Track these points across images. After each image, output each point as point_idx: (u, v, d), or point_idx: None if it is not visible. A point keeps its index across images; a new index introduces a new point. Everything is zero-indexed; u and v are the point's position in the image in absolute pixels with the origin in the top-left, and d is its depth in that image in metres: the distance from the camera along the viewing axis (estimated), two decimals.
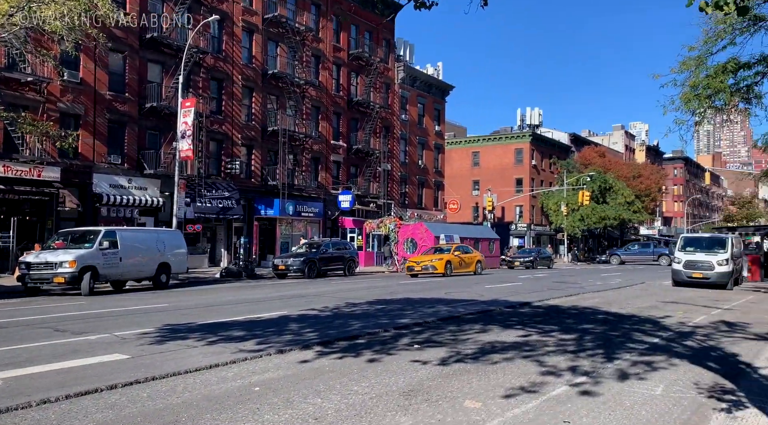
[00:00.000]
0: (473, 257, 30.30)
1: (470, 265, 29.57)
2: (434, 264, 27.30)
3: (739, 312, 14.28)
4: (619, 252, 54.35)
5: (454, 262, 28.20)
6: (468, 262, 29.47)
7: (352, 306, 13.99)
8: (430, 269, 27.24)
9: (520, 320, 12.28)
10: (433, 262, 27.43)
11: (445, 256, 28.06)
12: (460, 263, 28.71)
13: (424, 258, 28.28)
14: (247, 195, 33.57)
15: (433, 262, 27.43)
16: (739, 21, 18.58)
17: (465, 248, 31.18)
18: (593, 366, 7.88)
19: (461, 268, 28.78)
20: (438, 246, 31.33)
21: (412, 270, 27.80)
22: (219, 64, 32.30)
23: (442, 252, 29.10)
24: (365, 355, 8.31)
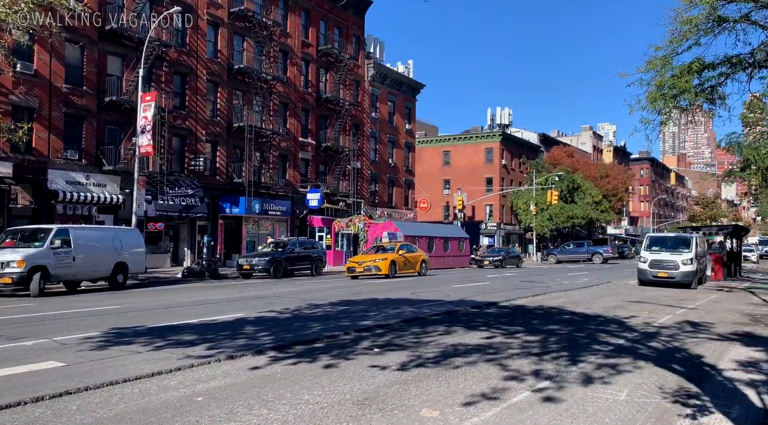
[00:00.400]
0: (418, 257, 28.06)
1: (415, 265, 27.48)
2: (378, 265, 25.03)
3: (703, 312, 14.30)
4: (555, 251, 55.02)
5: (399, 262, 26.13)
6: (412, 262, 27.36)
7: (314, 307, 13.55)
8: (373, 270, 24.98)
9: (485, 321, 12.02)
10: (377, 262, 25.13)
11: (389, 256, 25.83)
12: (405, 263, 26.66)
13: (366, 258, 25.91)
14: (211, 193, 32.75)
15: (377, 262, 25.13)
16: (703, 21, 18.73)
17: (409, 247, 28.88)
18: (557, 370, 7.63)
19: (406, 269, 26.81)
20: (380, 245, 29.18)
21: (353, 271, 25.47)
22: (183, 58, 31.41)
23: (385, 251, 26.87)
24: (322, 360, 7.90)
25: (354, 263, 25.90)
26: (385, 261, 25.25)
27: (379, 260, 25.38)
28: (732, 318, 13.31)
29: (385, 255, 26.03)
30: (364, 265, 25.15)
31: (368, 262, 25.30)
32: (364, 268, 25.04)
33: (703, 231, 28.68)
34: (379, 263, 25.12)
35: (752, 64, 19.13)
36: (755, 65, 19.06)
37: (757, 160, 17.99)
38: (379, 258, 25.51)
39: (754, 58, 19.15)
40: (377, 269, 24.94)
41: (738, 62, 19.11)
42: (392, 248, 27.31)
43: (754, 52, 19.22)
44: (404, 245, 28.45)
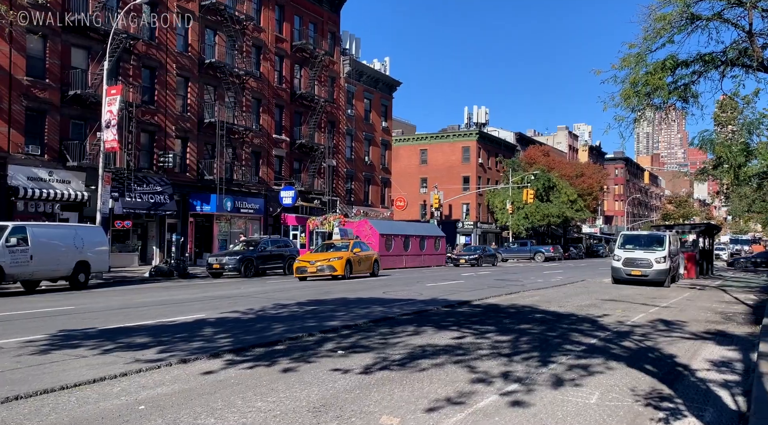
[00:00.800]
0: (371, 256, 25.73)
1: (368, 265, 25.19)
2: (333, 264, 22.59)
3: (676, 310, 14.19)
4: (501, 250, 55.21)
5: (354, 262, 23.81)
6: (366, 262, 25.02)
7: (281, 307, 13.08)
8: (327, 271, 22.47)
9: (456, 320, 11.70)
10: (331, 262, 22.69)
11: (344, 254, 23.34)
12: (359, 262, 24.34)
13: (319, 257, 23.17)
14: (181, 190, 31.96)
15: (331, 262, 22.69)
16: (677, 19, 18.70)
17: (363, 245, 26.54)
18: (527, 372, 7.33)
19: (360, 268, 24.52)
20: (331, 242, 26.63)
21: (303, 271, 22.75)
22: (152, 51, 30.56)
23: (338, 249, 24.42)
24: (281, 364, 7.48)
25: (304, 262, 23.13)
26: (340, 261, 22.83)
27: (334, 259, 22.87)
28: (705, 316, 13.22)
29: (339, 253, 23.50)
30: (317, 265, 22.49)
31: (321, 261, 22.69)
32: (317, 268, 22.40)
33: (676, 230, 28.83)
34: (334, 263, 22.69)
35: (724, 62, 19.17)
36: (727, 63, 19.10)
37: (729, 158, 18.01)
38: (333, 257, 23.02)
39: (727, 56, 19.19)
40: (331, 269, 22.53)
41: (711, 60, 19.13)
42: (345, 246, 24.78)
43: (726, 51, 19.27)
44: (358, 243, 25.96)
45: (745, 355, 8.72)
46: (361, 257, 24.58)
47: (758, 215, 40.88)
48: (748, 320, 12.81)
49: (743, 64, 19.41)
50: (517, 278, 26.10)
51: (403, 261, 36.91)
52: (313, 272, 22.57)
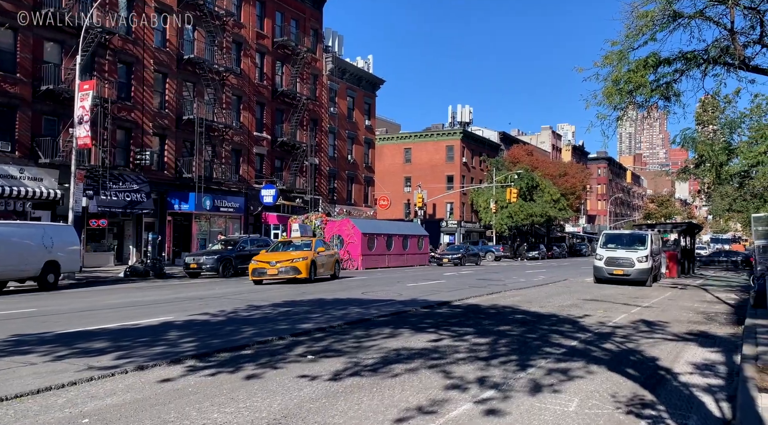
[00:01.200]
0: (333, 255, 23.60)
1: (331, 266, 23.08)
2: (296, 266, 19.97)
3: (658, 310, 14.00)
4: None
5: (318, 263, 21.42)
6: (328, 262, 22.88)
7: (254, 309, 12.64)
8: (291, 273, 19.90)
9: (435, 322, 11.37)
10: (295, 263, 20.03)
11: (308, 254, 20.83)
12: (323, 264, 22.08)
13: (280, 257, 20.36)
14: (159, 188, 31.27)
15: (295, 263, 20.03)
16: (659, 16, 18.55)
17: (325, 244, 24.50)
18: (504, 377, 7.01)
19: (323, 270, 22.19)
20: (289, 241, 23.94)
21: (261, 273, 19.99)
22: (128, 46, 29.83)
23: (299, 248, 21.75)
24: (245, 370, 7.07)
25: (263, 263, 20.09)
26: (304, 262, 20.23)
27: (298, 260, 20.23)
28: (687, 316, 13.04)
29: (302, 253, 20.90)
30: (279, 266, 19.75)
31: (284, 262, 19.97)
32: (279, 270, 19.70)
33: (658, 229, 28.82)
34: (298, 264, 20.00)
35: (706, 61, 19.06)
36: (709, 61, 18.98)
37: (711, 156, 17.91)
38: (297, 257, 20.38)
39: (708, 54, 19.07)
40: (295, 271, 19.93)
41: (693, 58, 19.01)
42: (307, 245, 22.14)
43: (708, 49, 19.15)
44: (320, 241, 23.61)
45: (728, 357, 8.50)
46: (325, 257, 22.37)
47: (738, 214, 41.14)
48: (730, 320, 12.65)
49: (725, 62, 19.32)
50: (499, 277, 25.88)
51: (386, 260, 36.55)
52: (274, 275, 19.73)
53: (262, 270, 19.94)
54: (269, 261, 20.03)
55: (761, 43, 18.35)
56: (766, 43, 18.19)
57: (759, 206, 24.36)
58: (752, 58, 18.85)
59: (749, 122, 22.33)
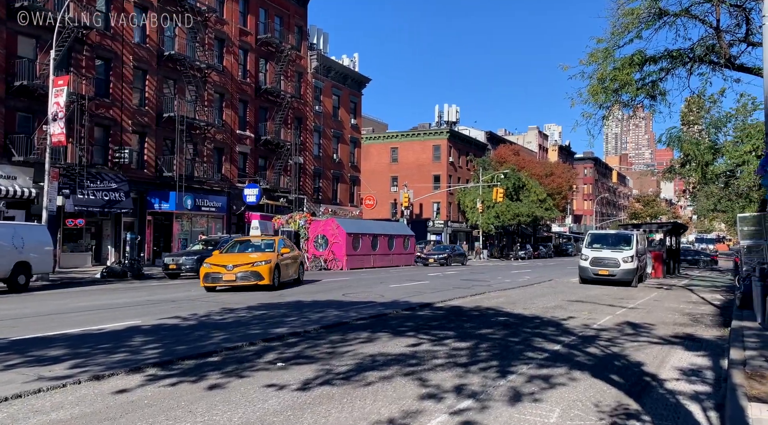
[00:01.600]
0: (297, 257, 20.47)
1: (295, 269, 19.91)
2: (258, 271, 16.59)
3: (644, 312, 13.77)
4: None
5: (283, 266, 18.04)
6: (293, 265, 19.60)
7: (228, 312, 12.19)
8: (251, 279, 16.55)
9: (415, 325, 11.01)
10: (256, 267, 16.63)
11: (271, 257, 17.40)
12: (287, 266, 18.73)
13: (238, 260, 17.01)
14: (139, 187, 30.61)
15: (256, 267, 16.63)
16: (645, 13, 18.37)
17: (290, 243, 20.89)
18: (483, 384, 6.67)
19: (287, 273, 18.80)
20: (247, 239, 20.50)
21: (216, 279, 16.65)
22: (106, 41, 29.14)
23: (259, 249, 18.42)
24: (209, 379, 6.66)
25: (217, 267, 16.78)
26: (267, 266, 16.79)
27: (260, 263, 16.79)
28: (672, 318, 12.81)
29: (264, 255, 17.48)
30: (237, 271, 16.51)
31: (243, 266, 16.67)
32: (237, 276, 16.46)
33: (644, 229, 28.70)
34: (259, 268, 16.63)
35: (692, 59, 18.93)
36: (695, 60, 18.86)
37: (697, 155, 17.75)
38: (260, 260, 16.97)
39: (694, 52, 18.95)
40: (256, 277, 16.59)
41: (678, 56, 18.88)
42: (269, 245, 18.65)
43: (694, 47, 19.03)
44: (283, 241, 19.93)
45: (716, 362, 8.23)
46: (290, 260, 19.06)
47: (723, 214, 41.26)
48: (716, 322, 12.44)
49: (710, 61, 19.21)
50: (484, 278, 25.60)
51: (371, 260, 36.19)
52: (231, 281, 16.49)
53: (217, 275, 16.60)
54: (225, 265, 16.69)
55: (747, 42, 18.26)
56: (751, 41, 18.10)
57: (744, 206, 24.31)
58: (737, 57, 18.76)
59: (734, 122, 22.30)
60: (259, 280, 16.62)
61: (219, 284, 16.78)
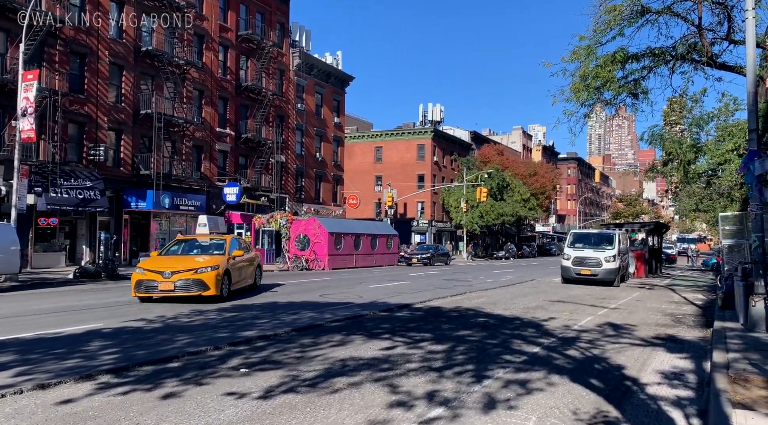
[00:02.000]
0: (253, 260, 17.19)
1: (251, 273, 16.82)
2: (201, 278, 13.35)
3: (626, 312, 13.54)
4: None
5: (234, 271, 14.96)
6: (247, 268, 16.43)
7: (197, 313, 11.73)
8: (193, 288, 13.29)
9: (391, 327, 10.66)
10: (200, 275, 13.39)
11: (219, 261, 14.11)
12: (240, 271, 15.62)
13: (179, 265, 13.73)
14: (115, 185, 29.88)
15: (200, 275, 13.39)
16: (627, 10, 18.21)
17: (243, 244, 17.23)
18: (457, 391, 6.33)
19: (241, 280, 15.75)
20: (193, 239, 16.65)
21: (150, 288, 13.36)
22: (81, 36, 28.36)
23: (206, 251, 15.23)
24: (165, 387, 6.24)
25: (152, 274, 13.41)
26: (213, 272, 13.58)
27: (204, 270, 13.51)
28: (654, 318, 12.59)
29: (211, 259, 14.19)
30: (176, 278, 13.25)
31: (184, 273, 13.37)
32: (176, 285, 13.22)
33: (626, 228, 28.65)
34: (203, 275, 13.39)
35: (674, 57, 18.82)
36: (677, 58, 18.75)
37: (679, 154, 17.63)
38: (204, 266, 13.67)
39: (676, 50, 18.85)
40: (200, 286, 13.32)
41: (661, 54, 18.75)
42: (219, 246, 15.33)
43: (676, 46, 18.93)
44: (236, 240, 16.66)
45: (698, 365, 7.98)
46: (244, 263, 15.94)
47: (704, 214, 41.48)
48: (699, 322, 12.25)
49: (692, 59, 19.12)
50: (466, 278, 25.34)
51: (354, 260, 35.81)
52: (168, 291, 13.24)
53: (151, 283, 13.28)
54: (162, 271, 13.37)
55: (729, 40, 18.16)
56: (733, 40, 18.01)
57: (726, 205, 24.30)
58: (719, 55, 18.67)
59: (716, 122, 22.26)
60: (203, 290, 13.36)
61: (154, 294, 13.49)
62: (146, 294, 13.64)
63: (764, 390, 6.05)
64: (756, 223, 9.68)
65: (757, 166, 9.55)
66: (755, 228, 9.75)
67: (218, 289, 13.74)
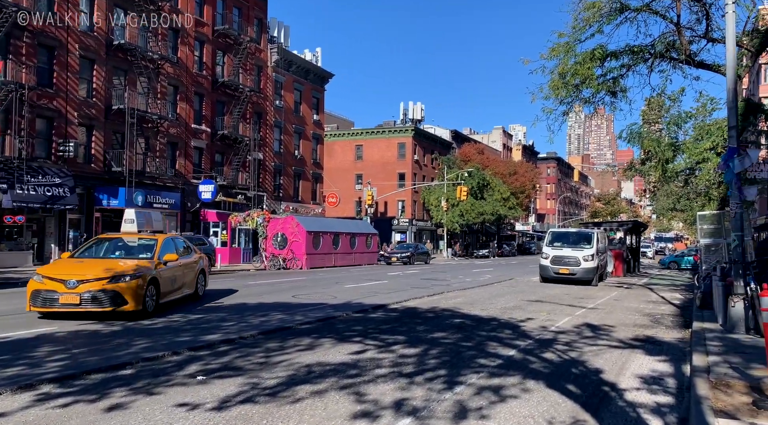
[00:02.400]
0: (193, 264, 13.88)
1: (190, 280, 13.56)
2: (116, 289, 10.51)
3: (603, 313, 13.32)
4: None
5: (165, 280, 11.87)
6: (185, 275, 13.24)
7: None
8: (106, 303, 10.46)
9: (364, 329, 10.28)
10: (114, 285, 10.52)
11: (145, 267, 11.33)
12: (173, 280, 12.41)
13: (88, 272, 10.70)
14: (85, 182, 29.01)
15: (114, 285, 10.52)
16: (606, 7, 18.05)
17: (181, 246, 13.74)
18: (427, 399, 5.98)
19: (175, 288, 12.57)
20: (114, 237, 13.39)
21: (49, 302, 10.46)
22: (50, 28, 27.43)
23: (131, 254, 12.30)
24: (112, 397, 5.78)
25: (53, 283, 10.50)
26: (134, 282, 10.70)
27: (123, 279, 10.65)
28: (632, 319, 12.38)
29: (133, 264, 11.29)
30: (83, 290, 10.35)
31: (93, 283, 10.46)
32: (82, 297, 10.33)
33: (604, 227, 28.60)
34: (120, 286, 10.54)
35: (653, 55, 18.72)
36: (656, 56, 18.65)
37: (657, 152, 17.52)
38: (123, 272, 10.80)
39: (655, 48, 18.74)
40: (113, 300, 10.48)
41: (639, 51, 18.62)
42: (148, 247, 12.38)
43: (655, 43, 18.83)
44: (171, 241, 13.26)
45: (677, 368, 7.73)
46: (178, 269, 12.71)
47: (681, 214, 41.78)
48: (677, 323, 12.07)
49: (671, 57, 19.05)
50: (445, 277, 25.06)
51: (332, 259, 35.33)
52: (72, 304, 10.33)
53: (51, 295, 10.36)
54: (66, 280, 10.40)
55: (707, 38, 18.09)
56: (711, 38, 17.94)
57: (704, 204, 24.35)
58: (697, 54, 18.59)
59: (694, 121, 22.25)
60: (118, 305, 10.42)
61: (54, 309, 10.40)
62: (44, 309, 10.48)
63: (747, 396, 5.79)
64: (735, 222, 9.48)
65: (737, 164, 9.35)
66: (735, 227, 9.54)
67: (139, 303, 10.64)
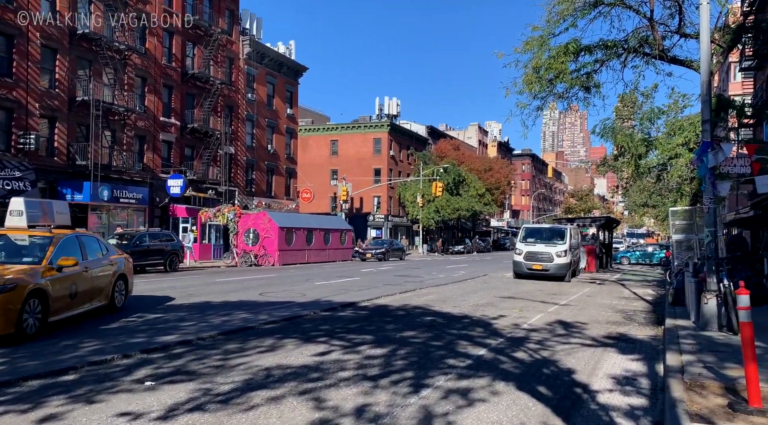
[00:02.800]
0: (107, 271, 10.87)
1: (102, 290, 10.57)
2: None
3: (576, 309, 13.14)
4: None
5: (59, 295, 8.94)
6: (92, 286, 10.15)
7: (110, 318, 10.66)
8: None
9: (331, 328, 9.88)
10: None
11: (27, 274, 8.38)
12: (73, 294, 9.39)
13: None
14: (48, 176, 27.98)
15: None
16: (580, 3, 17.91)
17: (89, 242, 10.77)
18: (391, 404, 5.63)
19: (78, 302, 9.62)
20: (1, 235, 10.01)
21: None
22: (8, 15, 26.32)
23: (15, 255, 9.37)
24: (47, 406, 5.30)
25: None
26: (5, 296, 7.77)
27: None
28: (605, 316, 12.22)
29: (15, 270, 8.40)
30: None
31: None
32: None
33: (577, 223, 28.67)
34: None
35: (626, 50, 18.66)
36: (629, 51, 18.59)
37: (630, 148, 17.45)
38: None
39: (628, 43, 18.70)
40: None
41: (613, 46, 18.54)
42: (40, 246, 9.47)
43: (628, 38, 18.78)
44: (75, 239, 10.19)
45: (651, 367, 7.51)
46: (78, 277, 9.61)
47: (653, 210, 42.19)
48: (650, 319, 11.93)
49: (644, 53, 19.02)
50: (419, 273, 24.79)
51: (306, 256, 34.83)
52: None
53: None
54: None
55: (680, 33, 18.08)
56: (684, 33, 17.93)
57: (676, 199, 24.48)
58: (670, 49, 18.58)
59: (666, 118, 22.30)
60: None
61: None
62: None
63: (722, 398, 5.56)
64: (709, 218, 9.32)
65: (711, 158, 9.18)
66: (708, 223, 9.38)
67: (12, 325, 7.85)
